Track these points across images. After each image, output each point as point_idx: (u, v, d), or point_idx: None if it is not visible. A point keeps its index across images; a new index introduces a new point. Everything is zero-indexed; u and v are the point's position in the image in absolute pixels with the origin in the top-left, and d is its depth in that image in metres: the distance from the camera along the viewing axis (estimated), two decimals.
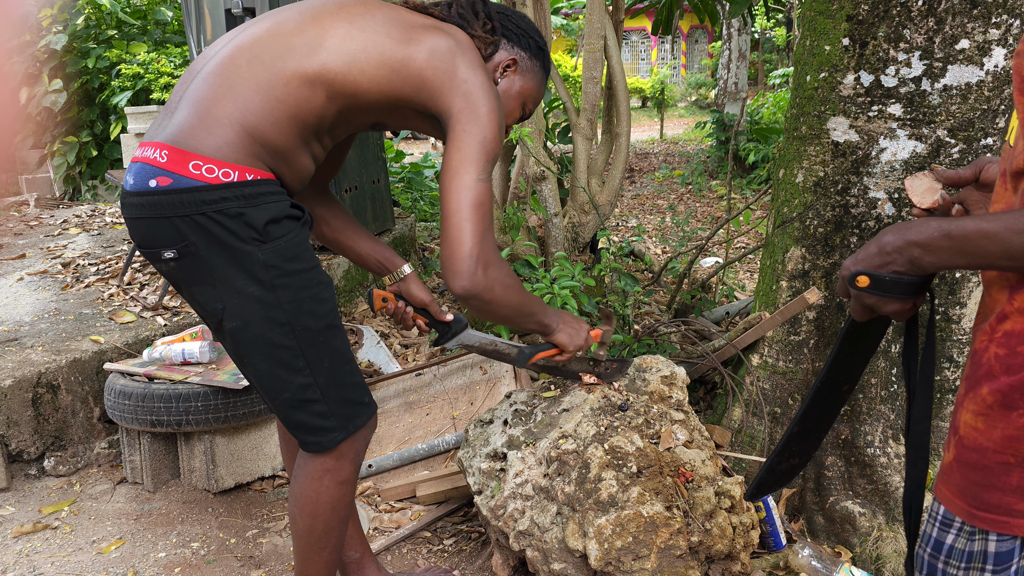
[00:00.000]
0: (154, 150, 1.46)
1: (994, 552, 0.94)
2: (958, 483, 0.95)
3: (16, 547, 2.35)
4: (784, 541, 2.12)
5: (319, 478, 1.65)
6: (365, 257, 1.89)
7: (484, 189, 1.49)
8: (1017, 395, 0.87)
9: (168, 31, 7.60)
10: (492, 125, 1.50)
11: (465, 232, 1.46)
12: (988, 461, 0.91)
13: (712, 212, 7.26)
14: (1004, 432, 0.88)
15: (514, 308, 1.60)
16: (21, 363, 2.78)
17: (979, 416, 0.91)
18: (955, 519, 0.97)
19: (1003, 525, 0.91)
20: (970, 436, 0.93)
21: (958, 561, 0.97)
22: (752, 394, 2.37)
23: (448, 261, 1.48)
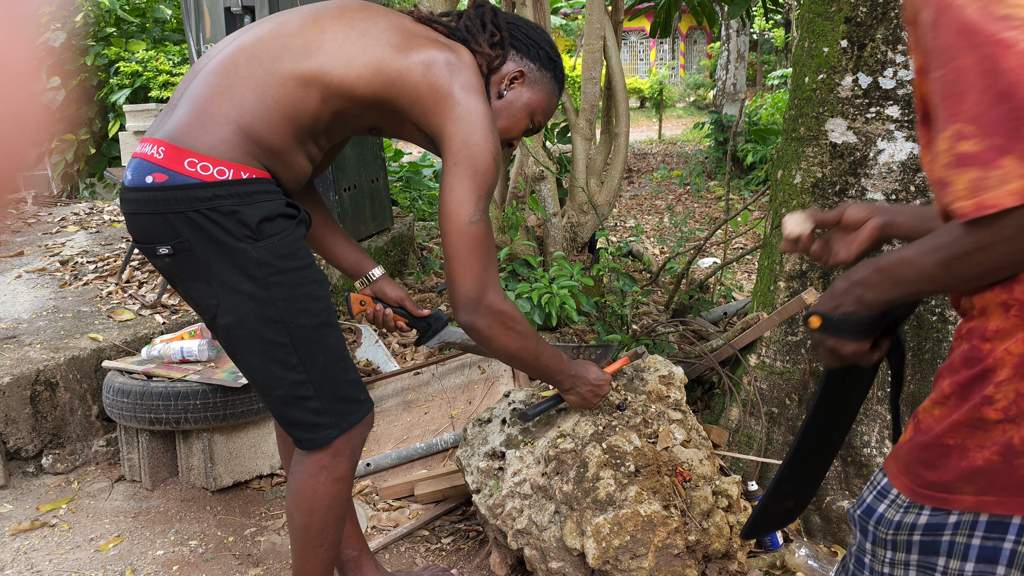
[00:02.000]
0: (152, 146, 1.47)
1: (924, 524, 1.01)
2: (905, 461, 1.01)
3: (14, 545, 2.35)
4: (781, 540, 2.13)
5: (315, 475, 1.65)
6: (339, 257, 1.90)
7: (479, 230, 1.50)
8: (975, 387, 0.92)
9: (167, 29, 7.60)
10: (485, 155, 1.49)
11: (463, 277, 1.51)
12: (934, 444, 0.97)
13: (710, 213, 7.27)
14: (953, 419, 0.94)
15: (512, 353, 1.61)
16: (19, 361, 2.78)
17: (936, 404, 0.97)
18: (891, 491, 1.04)
19: (941, 501, 0.97)
20: (925, 421, 0.98)
21: (886, 528, 1.05)
22: (750, 394, 2.38)
23: (451, 296, 1.54)
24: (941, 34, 0.86)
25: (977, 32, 0.83)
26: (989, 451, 0.92)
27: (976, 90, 0.82)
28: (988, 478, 0.93)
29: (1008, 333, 0.90)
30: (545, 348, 1.68)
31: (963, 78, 0.84)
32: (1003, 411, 0.90)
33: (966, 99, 0.83)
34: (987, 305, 0.91)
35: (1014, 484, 0.92)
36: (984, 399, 0.91)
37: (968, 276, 0.90)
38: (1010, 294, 0.89)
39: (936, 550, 1.02)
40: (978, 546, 0.98)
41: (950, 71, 0.85)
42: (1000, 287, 0.90)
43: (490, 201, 1.54)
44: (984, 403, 0.91)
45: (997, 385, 0.90)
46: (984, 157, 0.82)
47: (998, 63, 0.81)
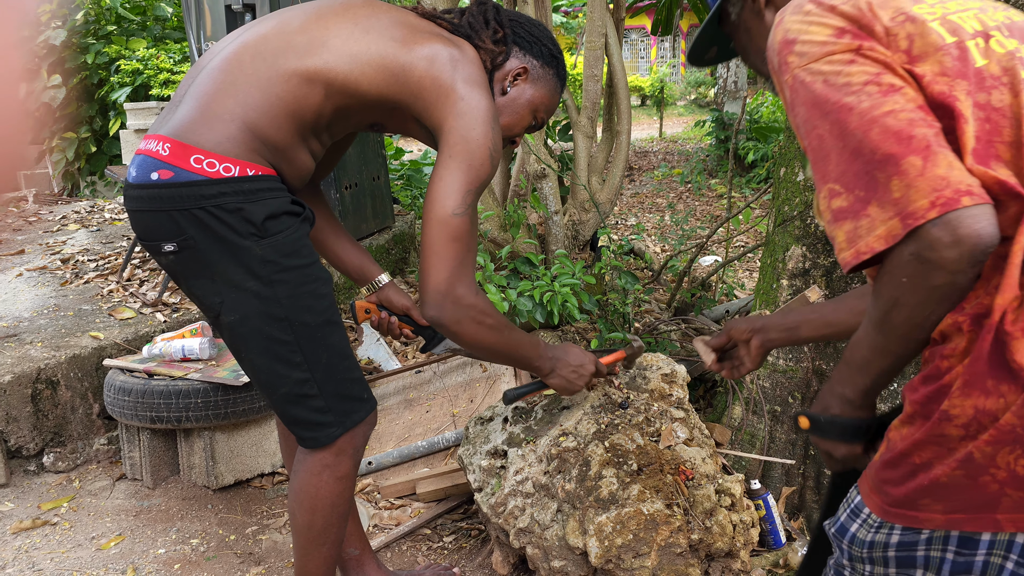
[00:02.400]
0: (157, 143, 1.46)
1: (896, 542, 1.03)
2: (874, 480, 1.02)
3: (15, 543, 2.35)
4: (784, 539, 2.13)
5: (318, 474, 1.65)
6: (345, 262, 1.88)
7: (461, 223, 1.46)
8: (934, 404, 0.94)
9: (167, 27, 7.59)
10: (481, 152, 1.47)
11: (436, 267, 1.46)
12: (901, 461, 0.98)
13: (711, 211, 7.26)
14: (917, 437, 0.95)
15: (486, 347, 1.57)
16: (20, 359, 2.78)
17: (903, 423, 0.99)
18: (863, 510, 1.06)
19: (911, 520, 0.99)
20: (893, 439, 1.00)
21: (859, 548, 1.07)
22: (752, 392, 2.37)
23: (420, 289, 1.49)
24: (800, 111, 0.99)
25: (825, 102, 0.95)
26: (952, 467, 0.93)
27: (835, 152, 0.94)
28: (954, 495, 0.94)
29: (964, 351, 0.92)
30: (521, 337, 1.65)
31: (823, 144, 0.95)
32: (963, 427, 0.91)
33: (830, 161, 0.94)
34: (945, 330, 0.94)
35: (980, 501, 0.93)
36: (943, 415, 0.92)
37: (903, 333, 0.95)
38: (960, 313, 0.92)
39: (912, 563, 1.04)
40: (951, 560, 1.01)
41: (813, 139, 0.97)
42: (952, 312, 0.93)
43: (478, 198, 1.51)
44: (944, 419, 0.92)
45: (954, 402, 0.91)
46: (853, 209, 0.92)
47: (846, 126, 0.92)
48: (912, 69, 0.95)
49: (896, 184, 0.89)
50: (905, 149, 0.89)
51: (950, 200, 0.86)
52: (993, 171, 0.90)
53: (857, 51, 0.95)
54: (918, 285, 0.89)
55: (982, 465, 0.91)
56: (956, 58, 0.95)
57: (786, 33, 1.02)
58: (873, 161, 0.90)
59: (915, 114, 0.91)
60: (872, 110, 0.91)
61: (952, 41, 0.96)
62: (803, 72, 0.98)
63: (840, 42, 0.96)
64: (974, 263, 0.87)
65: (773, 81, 1.08)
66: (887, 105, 0.91)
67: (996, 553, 0.98)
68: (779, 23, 1.04)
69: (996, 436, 0.89)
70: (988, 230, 0.86)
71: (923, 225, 0.86)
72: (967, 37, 0.97)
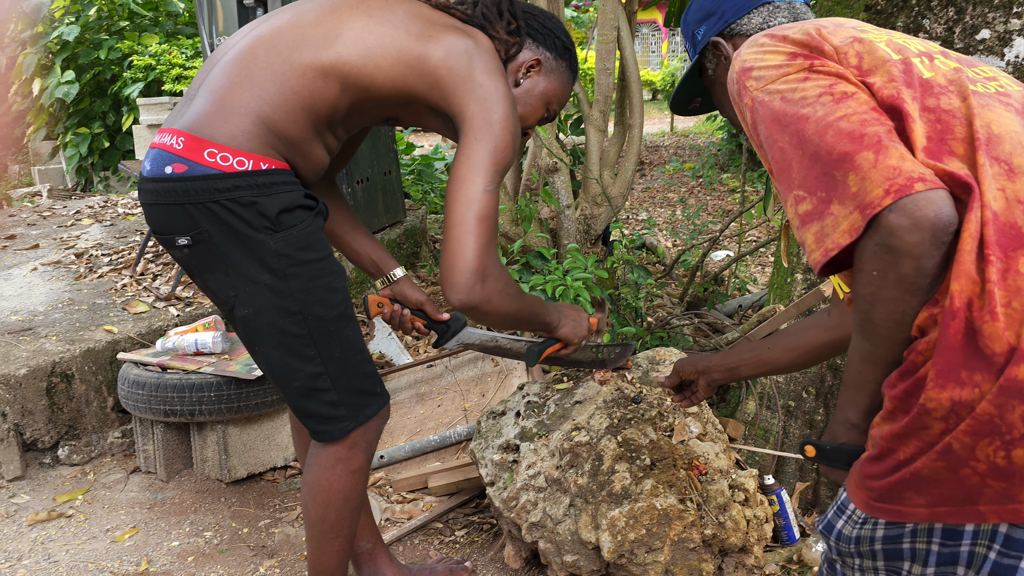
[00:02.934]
0: (171, 136, 1.46)
1: (882, 536, 1.05)
2: (859, 476, 1.03)
3: (31, 535, 2.37)
4: (798, 535, 2.12)
5: (331, 467, 1.65)
6: (360, 255, 1.88)
7: (490, 201, 1.45)
8: (912, 399, 0.94)
9: (180, 22, 7.62)
10: (504, 134, 1.47)
11: (466, 246, 1.43)
12: (883, 456, 0.99)
13: (723, 205, 7.23)
14: (898, 431, 0.96)
15: (512, 315, 1.56)
16: (35, 352, 2.79)
17: (884, 420, 0.99)
18: (849, 507, 1.07)
19: (895, 514, 0.99)
20: (874, 435, 1.00)
21: (845, 544, 1.09)
22: (766, 387, 2.36)
23: (446, 273, 1.45)
24: (761, 128, 1.05)
25: (784, 116, 1.01)
26: (932, 460, 0.93)
27: (796, 160, 0.99)
28: (937, 488, 0.95)
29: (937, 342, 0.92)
30: (533, 298, 1.67)
31: (785, 155, 1.01)
32: (943, 419, 0.92)
33: (792, 170, 1.00)
34: (921, 324, 0.95)
35: (962, 493, 0.94)
36: (921, 408, 0.93)
37: (886, 333, 0.97)
38: (935, 306, 0.93)
39: (900, 555, 1.06)
40: (936, 552, 1.03)
41: (775, 152, 1.03)
42: (927, 305, 0.94)
43: (501, 182, 1.51)
44: (922, 412, 0.93)
45: (930, 394, 0.92)
46: (818, 211, 0.96)
47: (803, 134, 0.98)
48: (864, 80, 1.02)
49: (852, 179, 0.93)
50: (858, 146, 0.93)
51: (903, 186, 0.89)
52: (944, 165, 0.93)
53: (809, 69, 1.03)
54: (888, 276, 0.92)
55: (962, 457, 0.91)
56: (903, 71, 1.02)
57: (743, 63, 1.09)
58: (830, 162, 0.95)
59: (868, 115, 0.96)
60: (827, 116, 0.97)
61: (899, 58, 1.04)
62: (761, 93, 1.05)
63: (794, 63, 1.04)
64: (936, 244, 0.89)
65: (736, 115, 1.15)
66: (840, 111, 0.97)
67: (980, 543, 0.99)
68: (736, 56, 1.12)
69: (974, 426, 0.89)
70: (945, 211, 0.89)
71: (880, 213, 0.89)
72: (912, 55, 1.05)
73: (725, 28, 1.30)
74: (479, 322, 1.56)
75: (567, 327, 1.82)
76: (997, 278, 0.88)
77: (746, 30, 1.28)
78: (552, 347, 1.87)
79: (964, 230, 0.90)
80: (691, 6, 1.37)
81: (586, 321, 1.86)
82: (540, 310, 1.71)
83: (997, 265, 0.89)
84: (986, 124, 0.97)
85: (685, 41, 1.40)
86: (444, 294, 1.47)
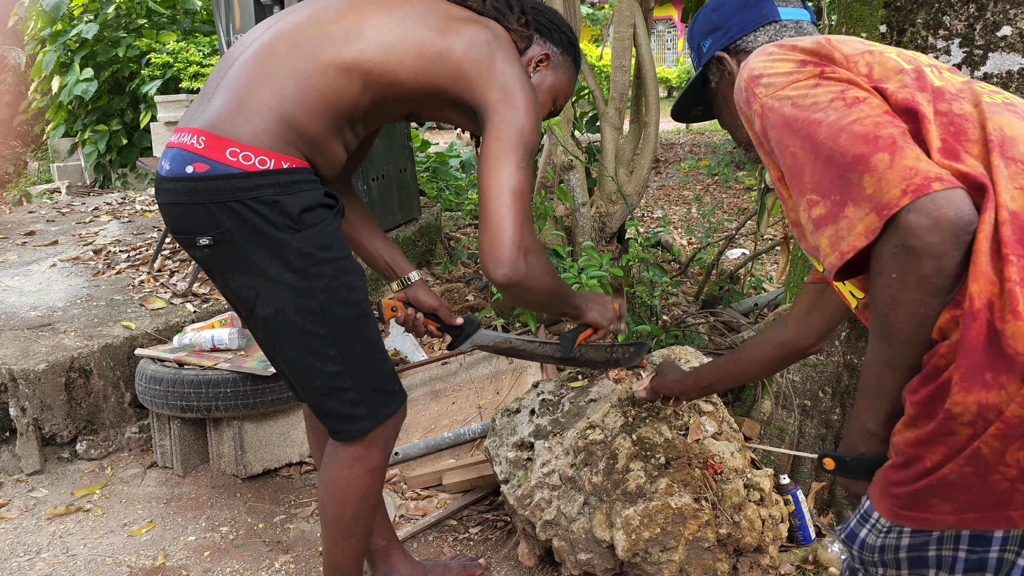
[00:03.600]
0: (191, 136, 1.46)
1: (907, 544, 1.02)
2: (883, 484, 1.02)
3: (50, 528, 2.39)
4: (813, 535, 2.10)
5: (349, 466, 1.65)
6: (376, 258, 1.89)
7: (524, 177, 1.47)
8: (936, 404, 0.93)
9: (197, 20, 7.66)
10: (529, 116, 1.49)
11: (506, 219, 1.44)
12: (909, 463, 0.97)
13: (739, 203, 7.20)
14: (923, 437, 0.94)
15: (551, 293, 1.58)
16: (54, 348, 2.82)
17: (906, 426, 0.98)
18: (873, 515, 1.05)
19: (922, 522, 0.98)
20: (897, 442, 0.99)
21: (869, 553, 1.07)
22: (782, 386, 2.35)
23: (489, 249, 1.44)
24: (771, 134, 1.04)
25: (795, 121, 1.00)
26: (960, 465, 0.92)
27: (808, 164, 0.98)
28: (965, 494, 0.93)
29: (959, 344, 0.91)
30: (564, 282, 1.69)
31: (797, 160, 1.00)
32: (970, 424, 0.90)
33: (804, 175, 0.99)
34: (943, 327, 0.93)
35: (991, 499, 0.92)
36: (947, 414, 0.91)
37: (906, 337, 0.95)
38: (957, 307, 0.92)
39: (925, 563, 1.03)
40: (964, 559, 1.00)
41: (786, 158, 1.01)
42: (948, 307, 0.92)
43: (530, 163, 1.52)
44: (949, 418, 0.91)
45: (955, 399, 0.90)
46: (832, 214, 0.95)
47: (816, 138, 0.97)
48: (876, 86, 1.01)
49: (868, 181, 0.91)
50: (873, 148, 0.92)
51: (920, 186, 0.88)
52: (959, 165, 0.92)
53: (820, 75, 1.02)
54: (908, 277, 0.90)
55: (991, 462, 0.90)
56: (915, 78, 1.02)
57: (752, 71, 1.08)
58: (844, 164, 0.94)
59: (881, 117, 0.96)
60: (840, 120, 0.96)
61: (911, 67, 1.04)
62: (771, 99, 1.04)
63: (804, 70, 1.04)
64: (957, 243, 0.88)
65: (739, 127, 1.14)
66: (854, 114, 0.96)
67: (1009, 549, 0.98)
68: (744, 65, 1.11)
69: (1003, 430, 0.88)
70: (965, 209, 0.88)
71: (898, 213, 0.88)
72: (923, 65, 1.06)
73: (731, 43, 1.30)
74: (519, 301, 1.54)
75: (594, 311, 1.83)
76: (1019, 277, 0.87)
77: (752, 47, 1.28)
78: (584, 333, 1.88)
79: (979, 231, 0.89)
80: (698, 16, 1.36)
81: (610, 305, 1.87)
82: (571, 293, 1.73)
83: (1018, 264, 0.88)
84: (999, 127, 0.97)
85: (690, 51, 1.39)
86: (486, 272, 1.46)
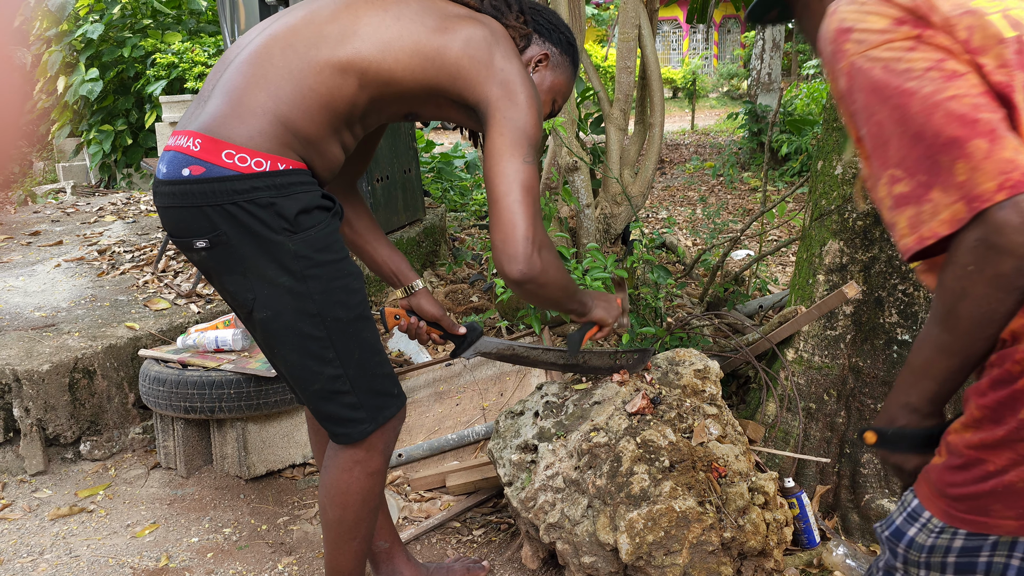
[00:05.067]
0: (187, 139, 1.46)
1: (960, 547, 1.00)
2: (938, 484, 1.00)
3: (53, 529, 2.39)
4: (818, 539, 2.09)
5: (349, 469, 1.65)
6: (380, 265, 1.89)
7: (531, 172, 1.47)
8: (1007, 410, 0.91)
9: (202, 20, 7.67)
10: (531, 112, 1.49)
11: (518, 215, 1.44)
12: (970, 466, 0.95)
13: (744, 204, 7.18)
14: (988, 441, 0.93)
15: (563, 289, 1.58)
16: (58, 348, 2.82)
17: (967, 427, 0.96)
18: (923, 514, 1.03)
19: (980, 525, 0.96)
20: (956, 444, 0.97)
21: (917, 552, 1.04)
22: (787, 389, 2.33)
23: (503, 245, 1.44)
24: (857, 97, 0.98)
25: (885, 87, 0.94)
26: None
27: (895, 137, 0.93)
28: None
29: None
30: (572, 278, 1.70)
31: (883, 130, 0.95)
32: None
33: (890, 147, 0.94)
34: (1017, 330, 0.91)
35: None
36: (1021, 424, 0.89)
37: (970, 329, 0.92)
38: None
39: (972, 570, 1.01)
40: (1018, 567, 0.98)
41: (872, 126, 0.96)
42: None
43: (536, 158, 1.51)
44: (1021, 427, 0.89)
45: None
46: (915, 195, 0.90)
47: (907, 110, 0.92)
48: (974, 59, 0.93)
49: (961, 167, 0.87)
50: (970, 132, 0.87)
51: (1019, 183, 0.84)
52: None
53: (918, 39, 0.94)
54: (985, 272, 0.87)
55: None
56: (1016, 51, 0.93)
57: (841, 22, 1.00)
58: (936, 145, 0.89)
59: (979, 99, 0.90)
60: (935, 95, 0.90)
61: (1013, 35, 0.94)
62: (861, 59, 0.96)
63: (900, 30, 0.96)
64: None
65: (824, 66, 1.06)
66: (950, 90, 0.90)
67: None
68: (833, 12, 1.03)
69: None
70: None
71: (990, 208, 0.85)
72: None
73: None
74: (533, 298, 1.54)
75: (600, 309, 1.84)
76: None
77: None
78: (590, 332, 1.88)
79: None
80: None
81: (615, 302, 1.88)
82: (578, 289, 1.74)
83: None
84: None
85: None
86: (500, 269, 1.45)
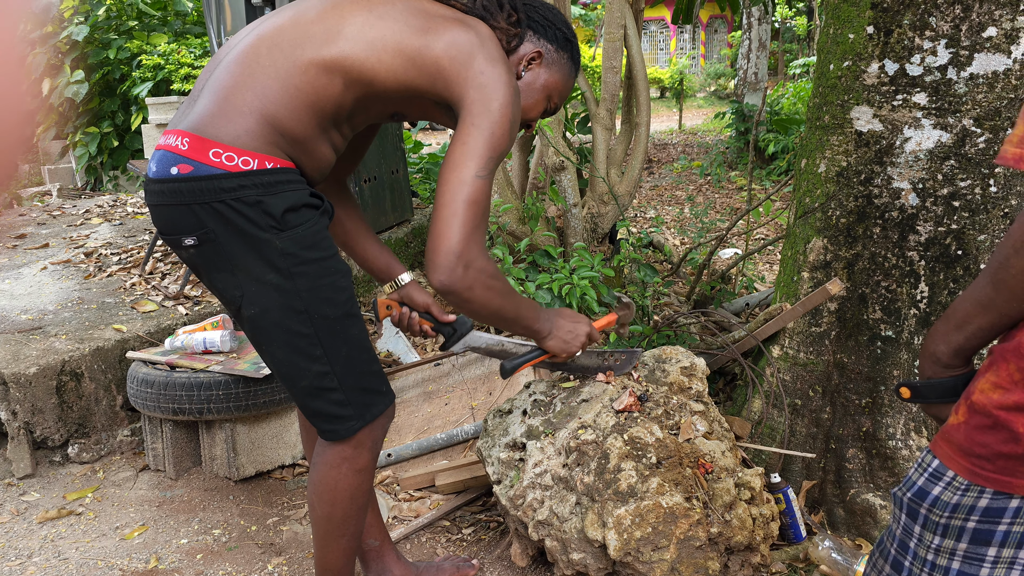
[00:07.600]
0: (176, 138, 1.47)
1: (984, 507, 1.00)
2: (961, 443, 1.00)
3: (41, 532, 2.39)
4: (804, 533, 2.11)
5: (337, 466, 1.66)
6: (370, 262, 1.90)
7: (481, 187, 1.46)
8: None
9: (188, 22, 7.64)
10: (503, 121, 1.47)
11: (452, 227, 1.44)
12: (999, 426, 0.95)
13: (731, 203, 7.22)
14: (1017, 401, 0.93)
15: (494, 311, 1.56)
16: (45, 351, 2.81)
17: (997, 388, 0.96)
18: (947, 473, 1.03)
19: (1005, 484, 0.97)
20: (981, 403, 0.97)
21: (941, 511, 1.04)
22: (772, 385, 2.36)
23: (430, 254, 1.46)
24: None
25: None
26: None
27: None
28: None
29: None
30: (522, 300, 1.67)
31: None
32: None
33: None
34: None
35: None
36: None
37: (1013, 286, 0.92)
38: None
39: (989, 540, 1.02)
40: None
41: None
42: None
43: (496, 169, 1.51)
44: None
45: None
46: None
47: None
48: None
49: None
50: None
51: None
52: None
53: None
54: None
55: None
56: None
57: None
58: None
59: None
60: None
61: None
62: None
63: None
64: None
65: None
66: None
67: None
68: None
69: None
70: None
71: None
72: None
73: None
74: (459, 309, 1.55)
75: (556, 340, 1.81)
76: None
77: None
78: (532, 360, 1.86)
79: None
80: None
81: (583, 335, 1.84)
82: (528, 314, 1.70)
83: None
84: None
85: None
86: (427, 275, 1.47)
